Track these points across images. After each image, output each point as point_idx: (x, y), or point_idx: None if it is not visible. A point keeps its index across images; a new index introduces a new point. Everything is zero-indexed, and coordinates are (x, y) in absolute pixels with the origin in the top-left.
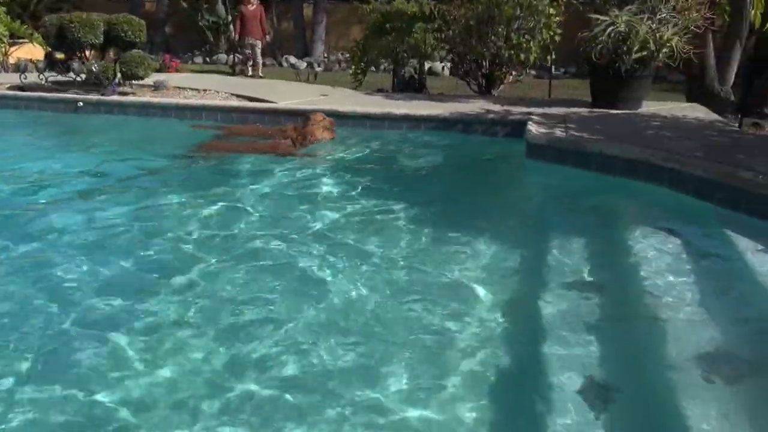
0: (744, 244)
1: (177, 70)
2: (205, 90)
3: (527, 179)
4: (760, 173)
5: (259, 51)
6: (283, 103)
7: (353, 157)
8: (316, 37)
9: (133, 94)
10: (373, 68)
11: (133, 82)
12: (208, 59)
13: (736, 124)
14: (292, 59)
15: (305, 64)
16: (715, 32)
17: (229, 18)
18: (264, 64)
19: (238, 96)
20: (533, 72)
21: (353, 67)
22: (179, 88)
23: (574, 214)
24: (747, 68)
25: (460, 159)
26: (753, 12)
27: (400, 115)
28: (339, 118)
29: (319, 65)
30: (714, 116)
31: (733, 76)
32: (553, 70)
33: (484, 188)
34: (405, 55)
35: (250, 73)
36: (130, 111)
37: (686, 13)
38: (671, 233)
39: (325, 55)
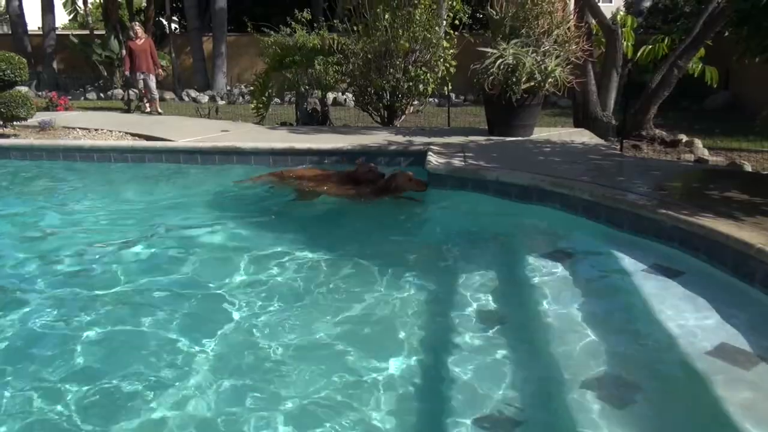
0: (628, 262)
1: (66, 108)
2: (96, 129)
3: (430, 208)
4: (643, 195)
5: (153, 85)
6: (181, 141)
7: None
8: (217, 70)
9: (15, 135)
10: (277, 100)
11: (15, 123)
12: (102, 95)
13: (618, 147)
14: (194, 93)
15: (207, 98)
16: (594, 62)
17: (123, 52)
18: (163, 99)
19: (133, 135)
20: (434, 100)
21: (254, 101)
22: (68, 128)
23: (476, 242)
24: (624, 94)
25: None
26: (625, 43)
27: (303, 150)
28: (240, 155)
29: (221, 98)
30: (598, 140)
31: (613, 102)
32: (453, 98)
33: (388, 220)
34: (308, 87)
35: (147, 109)
36: (13, 155)
37: (566, 45)
38: (564, 254)
39: (228, 87)
